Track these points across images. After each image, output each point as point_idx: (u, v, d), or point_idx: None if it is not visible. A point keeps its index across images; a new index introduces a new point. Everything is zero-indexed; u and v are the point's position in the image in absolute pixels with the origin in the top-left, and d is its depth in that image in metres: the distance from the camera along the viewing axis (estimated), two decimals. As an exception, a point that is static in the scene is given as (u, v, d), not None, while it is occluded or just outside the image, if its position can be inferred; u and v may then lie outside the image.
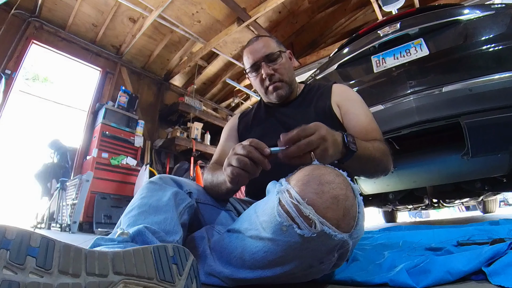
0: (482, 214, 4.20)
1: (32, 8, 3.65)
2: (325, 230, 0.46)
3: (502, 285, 0.48)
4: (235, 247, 0.57)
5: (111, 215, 3.44)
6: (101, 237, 0.53)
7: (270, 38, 1.01)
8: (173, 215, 0.62)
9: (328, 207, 0.47)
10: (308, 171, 0.51)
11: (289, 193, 0.49)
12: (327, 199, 0.47)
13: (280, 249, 0.49)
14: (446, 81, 1.36)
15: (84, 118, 4.20)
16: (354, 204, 0.50)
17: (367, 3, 3.95)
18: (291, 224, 0.47)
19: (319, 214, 0.46)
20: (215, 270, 0.58)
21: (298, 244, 0.48)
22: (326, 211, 0.46)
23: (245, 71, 1.02)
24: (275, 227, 0.50)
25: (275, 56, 0.96)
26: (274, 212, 0.50)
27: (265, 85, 0.97)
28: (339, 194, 0.48)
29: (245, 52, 1.00)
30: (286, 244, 0.49)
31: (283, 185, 0.52)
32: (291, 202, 0.48)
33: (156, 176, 0.74)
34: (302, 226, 0.47)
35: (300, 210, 0.47)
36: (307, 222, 0.46)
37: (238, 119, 1.12)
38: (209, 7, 3.81)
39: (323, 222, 0.46)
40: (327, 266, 0.53)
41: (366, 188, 1.98)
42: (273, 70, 0.95)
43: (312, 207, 0.46)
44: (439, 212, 8.42)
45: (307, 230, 0.46)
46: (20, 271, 0.34)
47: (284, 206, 0.49)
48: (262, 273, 0.53)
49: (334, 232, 0.46)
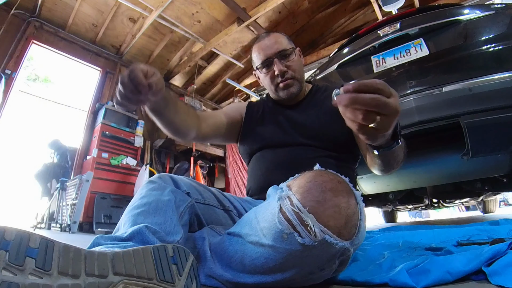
0: (482, 214, 4.20)
1: (32, 8, 3.65)
2: (327, 238, 0.45)
3: (502, 285, 0.48)
4: (235, 251, 0.56)
5: (111, 215, 3.44)
6: (101, 236, 0.53)
7: (281, 34, 0.98)
8: (173, 215, 0.62)
9: (330, 216, 0.46)
10: (310, 178, 0.51)
11: (290, 200, 0.49)
12: (329, 208, 0.46)
13: (280, 256, 0.49)
14: (446, 81, 1.35)
15: (84, 118, 4.20)
16: (356, 212, 0.49)
17: (367, 3, 3.94)
18: (292, 232, 0.47)
19: (320, 223, 0.46)
20: (215, 273, 0.58)
21: (299, 252, 0.47)
22: (328, 220, 0.46)
23: (256, 68, 0.98)
24: (275, 234, 0.49)
25: (288, 52, 0.93)
26: (275, 219, 0.49)
27: (276, 82, 0.94)
28: (341, 203, 0.47)
29: (255, 47, 0.97)
30: (286, 252, 0.48)
31: (284, 191, 0.52)
32: (292, 210, 0.48)
33: (155, 175, 0.73)
34: (303, 235, 0.46)
35: (301, 219, 0.46)
36: (308, 230, 0.46)
37: (246, 107, 1.09)
38: (209, 7, 3.81)
39: (325, 231, 0.45)
40: (328, 273, 0.53)
41: (366, 188, 1.98)
42: (286, 67, 0.92)
43: (314, 215, 0.46)
44: (439, 212, 8.42)
45: (308, 238, 0.46)
46: (19, 272, 0.34)
47: (285, 214, 0.49)
48: (262, 279, 0.52)
49: (336, 240, 0.46)
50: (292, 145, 0.89)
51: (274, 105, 1.05)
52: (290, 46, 0.94)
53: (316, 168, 0.54)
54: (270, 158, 0.90)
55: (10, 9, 3.43)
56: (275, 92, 0.97)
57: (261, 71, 0.96)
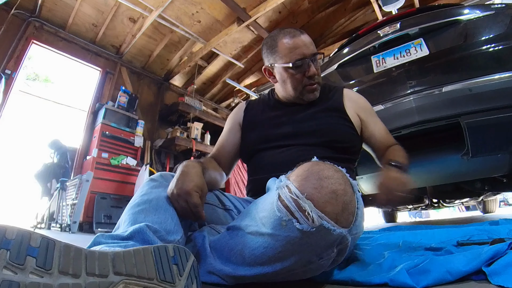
0: (482, 214, 4.20)
1: (32, 8, 3.65)
2: (324, 224, 0.46)
3: (502, 285, 0.48)
4: (235, 244, 0.57)
5: (111, 215, 3.45)
6: (101, 234, 0.53)
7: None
8: (173, 214, 0.61)
9: (327, 202, 0.47)
10: (308, 167, 0.52)
11: (289, 188, 0.50)
12: (326, 194, 0.47)
13: (279, 244, 0.50)
14: (446, 81, 1.36)
15: (84, 118, 4.20)
16: (353, 200, 0.50)
17: (367, 3, 3.95)
18: (291, 218, 0.48)
19: (318, 209, 0.46)
20: (215, 268, 0.58)
21: (298, 239, 0.48)
22: (325, 206, 0.47)
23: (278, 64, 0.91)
24: (274, 222, 0.50)
25: (318, 56, 0.92)
26: (274, 207, 0.50)
27: (305, 84, 0.91)
28: (338, 189, 0.48)
29: (288, 41, 0.88)
30: (285, 239, 0.49)
31: (283, 181, 0.53)
32: (291, 197, 0.49)
33: (157, 173, 0.73)
34: (301, 221, 0.47)
35: (299, 205, 0.47)
36: (306, 216, 0.47)
37: (243, 112, 1.06)
38: (209, 7, 3.81)
39: (322, 216, 0.46)
40: (326, 262, 0.53)
41: (366, 188, 1.98)
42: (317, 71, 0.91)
43: (311, 201, 0.47)
44: (439, 212, 8.42)
45: (306, 224, 0.47)
46: (20, 271, 0.34)
47: (283, 201, 0.49)
48: (262, 270, 0.53)
49: (333, 226, 0.47)
50: (293, 146, 0.88)
51: (276, 104, 1.02)
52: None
53: (313, 159, 0.55)
54: (271, 159, 0.89)
55: (10, 9, 3.43)
56: (300, 93, 0.93)
57: (290, 69, 0.89)
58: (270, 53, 0.94)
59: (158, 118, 5.01)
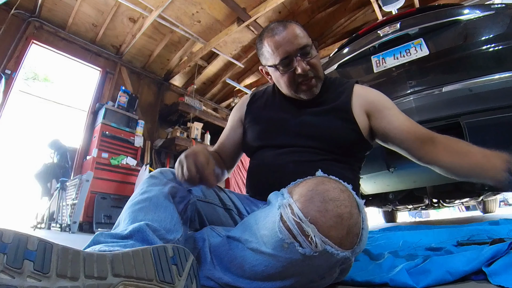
0: (482, 214, 4.19)
1: (32, 8, 3.65)
2: (328, 249, 0.45)
3: (502, 285, 0.48)
4: (235, 256, 0.56)
5: (111, 215, 3.45)
6: (100, 233, 0.52)
7: (297, 25, 0.82)
8: (174, 212, 0.61)
9: (332, 226, 0.45)
10: (312, 186, 0.49)
11: (291, 208, 0.48)
12: (331, 218, 0.45)
13: (280, 264, 0.49)
14: (446, 81, 1.35)
15: (84, 118, 4.20)
16: (358, 222, 0.48)
17: (367, 3, 3.94)
18: (293, 242, 0.46)
19: (321, 233, 0.45)
20: (214, 275, 0.58)
21: (299, 261, 0.47)
22: (329, 230, 0.45)
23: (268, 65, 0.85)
24: (276, 243, 0.49)
25: (309, 48, 0.80)
26: (276, 228, 0.49)
27: (297, 82, 0.82)
28: (344, 213, 0.46)
29: (269, 41, 0.80)
30: (286, 260, 0.48)
31: (285, 198, 0.51)
32: (293, 220, 0.47)
33: (157, 170, 0.71)
34: (304, 245, 0.46)
35: (302, 228, 0.46)
36: (309, 240, 0.45)
37: (246, 106, 1.00)
38: (209, 7, 3.80)
39: (326, 241, 0.45)
40: (328, 281, 0.52)
41: (366, 188, 1.98)
42: (309, 65, 0.80)
43: (315, 225, 0.45)
44: (439, 212, 8.41)
45: (308, 249, 0.45)
46: (17, 275, 0.33)
47: (285, 223, 0.48)
48: (262, 285, 0.52)
49: (337, 251, 0.45)
50: (295, 146, 0.83)
51: (282, 100, 0.94)
52: (309, 40, 0.81)
53: (318, 174, 0.53)
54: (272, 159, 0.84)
55: (10, 9, 3.43)
56: (295, 93, 0.85)
57: (277, 69, 0.82)
58: (261, 54, 0.88)
59: (158, 118, 5.01)
